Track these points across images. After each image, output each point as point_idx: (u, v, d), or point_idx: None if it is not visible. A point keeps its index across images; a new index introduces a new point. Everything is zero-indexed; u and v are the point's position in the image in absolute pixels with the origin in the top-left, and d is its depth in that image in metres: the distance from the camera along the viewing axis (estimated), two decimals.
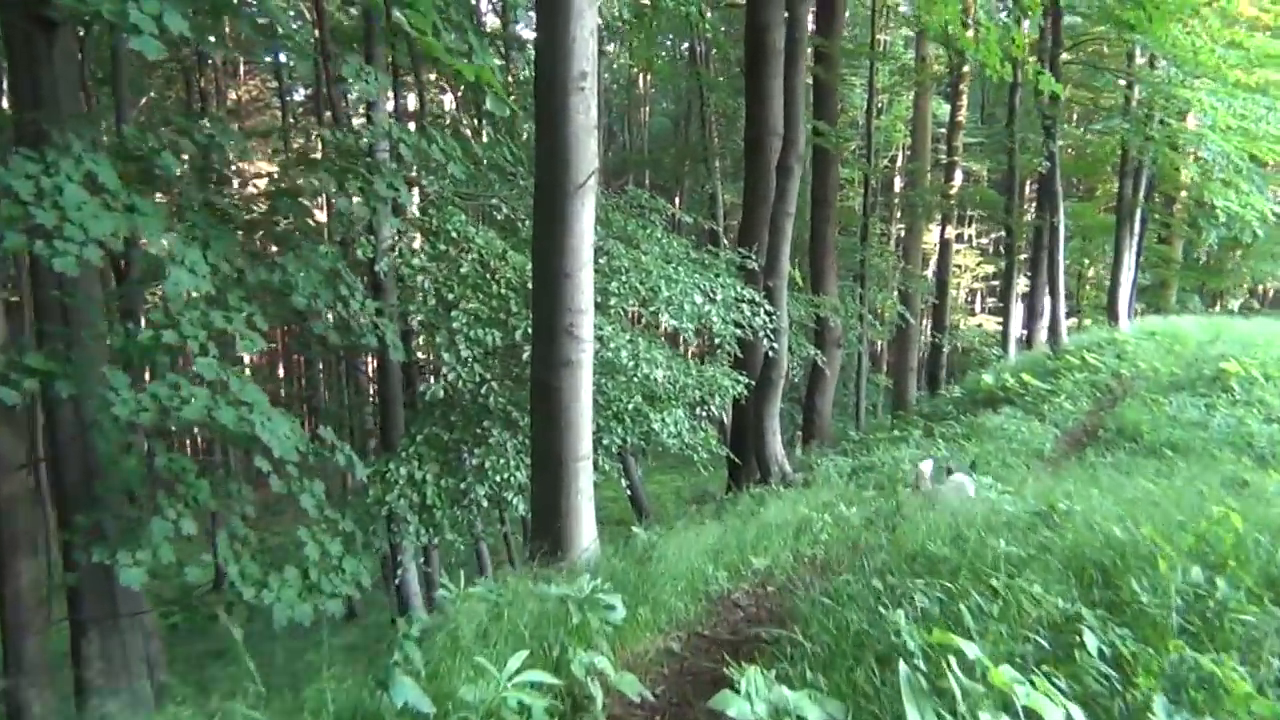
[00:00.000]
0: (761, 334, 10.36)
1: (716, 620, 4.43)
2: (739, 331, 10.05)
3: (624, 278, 9.25)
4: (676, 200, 28.88)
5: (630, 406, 9.01)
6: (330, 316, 8.74)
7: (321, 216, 17.28)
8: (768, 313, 10.27)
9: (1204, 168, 16.60)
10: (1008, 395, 13.87)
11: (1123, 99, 17.71)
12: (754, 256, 11.13)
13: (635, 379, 8.92)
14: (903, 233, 32.36)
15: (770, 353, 10.82)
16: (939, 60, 27.63)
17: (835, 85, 18.17)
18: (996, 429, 11.62)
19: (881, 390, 38.32)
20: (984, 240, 51.87)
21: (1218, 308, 32.66)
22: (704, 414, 11.25)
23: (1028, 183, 24.47)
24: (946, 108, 30.73)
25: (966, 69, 26.68)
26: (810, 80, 20.05)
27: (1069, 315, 35.17)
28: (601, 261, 9.43)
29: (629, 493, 21.76)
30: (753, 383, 11.07)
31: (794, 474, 11.41)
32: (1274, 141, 15.46)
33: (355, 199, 8.32)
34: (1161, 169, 19.18)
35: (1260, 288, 36.76)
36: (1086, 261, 35.74)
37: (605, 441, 8.87)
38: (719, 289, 9.70)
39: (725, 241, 15.96)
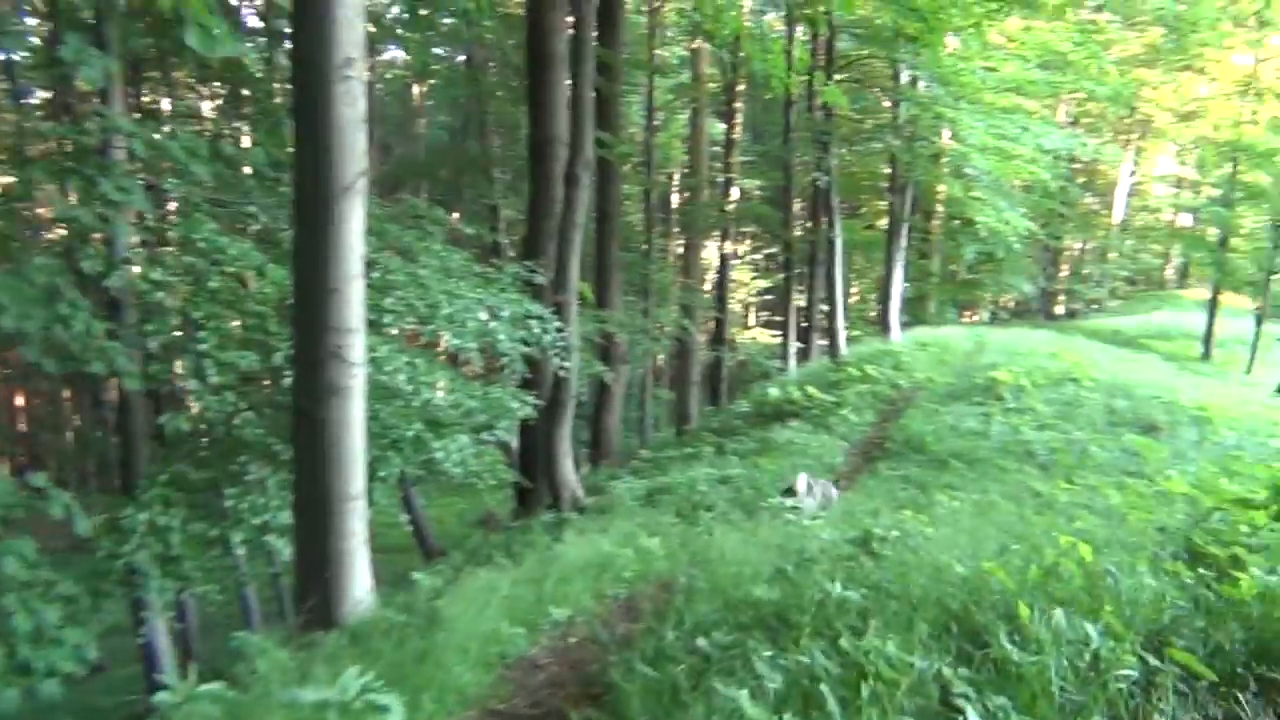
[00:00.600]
0: (551, 352, 9.82)
1: (515, 689, 3.82)
2: (526, 350, 9.45)
3: (400, 293, 8.45)
4: (456, 215, 28.00)
5: (410, 434, 8.19)
6: (49, 338, 7.44)
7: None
8: (557, 329, 9.73)
9: (966, 185, 17.69)
10: (794, 408, 14.05)
11: (890, 118, 18.52)
12: (540, 270, 10.56)
13: (415, 404, 8.12)
14: (682, 249, 33.02)
15: (560, 372, 10.30)
16: (713, 80, 28.36)
17: (617, 96, 17.98)
18: (787, 443, 11.65)
19: (663, 404, 38.92)
20: (757, 256, 54.03)
21: (972, 318, 35.34)
22: (491, 438, 10.56)
23: (798, 200, 25.34)
24: (721, 127, 31.73)
25: (741, 87, 27.52)
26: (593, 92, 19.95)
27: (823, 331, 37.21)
28: (375, 275, 8.58)
29: (410, 522, 20.68)
30: (542, 404, 10.51)
31: (587, 498, 10.94)
32: (1027, 161, 16.67)
33: (77, 201, 7.12)
34: (923, 186, 20.36)
35: (1003, 300, 40.04)
36: (853, 276, 37.84)
37: (382, 474, 8.02)
38: (504, 305, 9.05)
39: (510, 255, 15.35)
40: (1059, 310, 41.47)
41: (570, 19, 11.33)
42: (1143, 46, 29.04)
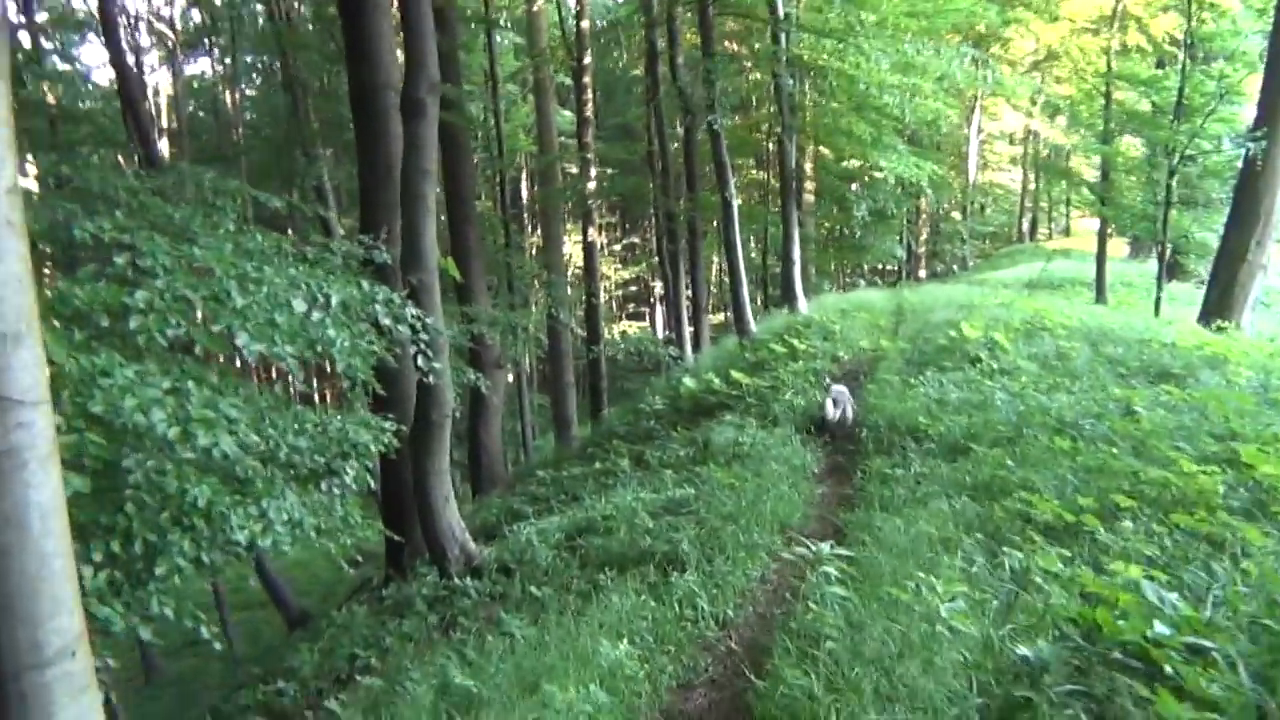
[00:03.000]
0: (414, 353, 6.77)
1: None
2: (375, 350, 6.34)
3: (160, 282, 5.30)
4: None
5: (195, 502, 5.05)
6: None
7: None
8: (417, 319, 6.65)
9: (874, 123, 15.48)
10: (719, 399, 11.39)
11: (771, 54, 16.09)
12: (382, 247, 7.40)
13: (189, 456, 4.97)
14: (541, 241, 30.19)
15: (427, 380, 7.20)
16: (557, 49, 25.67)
17: (456, 54, 14.97)
18: (733, 445, 8.93)
19: (537, 411, 35.97)
20: (617, 247, 51.60)
21: (840, 288, 33.82)
22: (336, 486, 7.45)
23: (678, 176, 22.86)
24: (568, 114, 29.13)
25: (588, 60, 24.87)
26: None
27: (712, 310, 35.05)
28: (119, 262, 5.44)
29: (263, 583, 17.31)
30: (404, 428, 7.48)
31: (481, 552, 7.97)
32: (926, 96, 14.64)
33: None
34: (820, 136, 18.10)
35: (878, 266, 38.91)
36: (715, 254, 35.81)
37: (149, 586, 4.84)
38: (332, 291, 5.95)
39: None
40: (922, 274, 40.63)
41: None
42: None
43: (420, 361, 6.36)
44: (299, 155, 17.72)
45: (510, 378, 22.86)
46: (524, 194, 39.47)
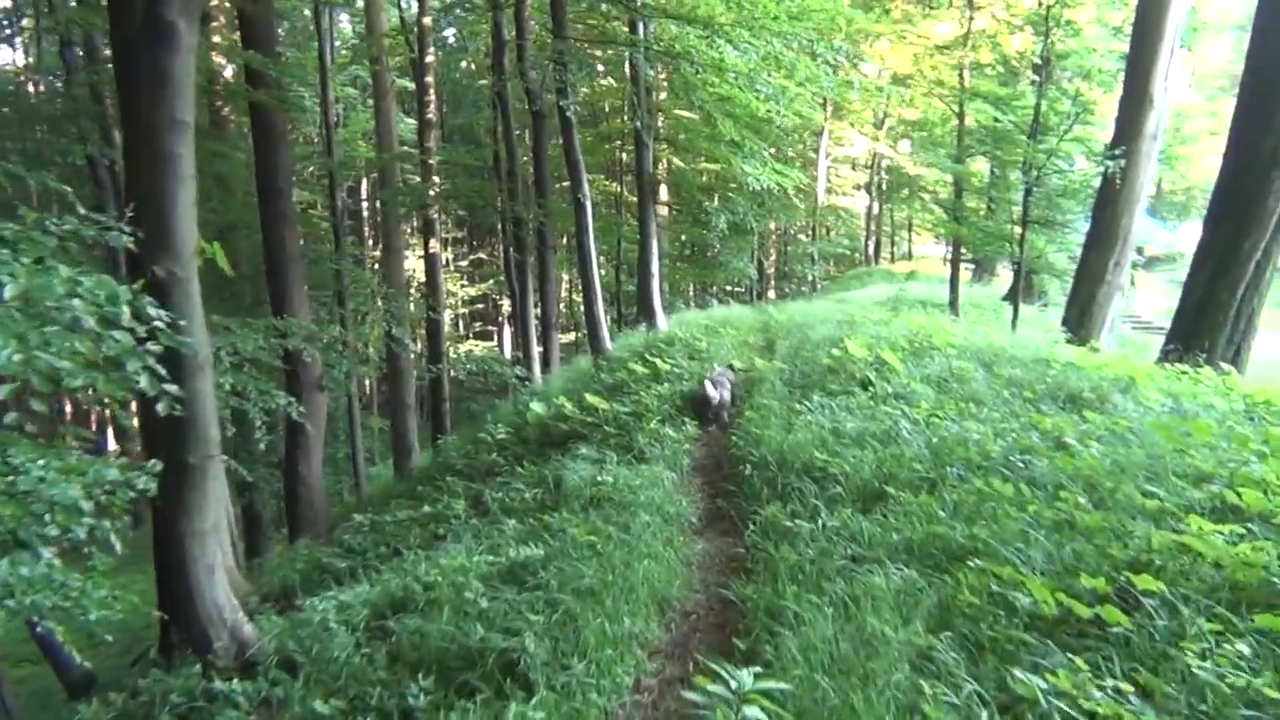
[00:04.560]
0: (137, 373, 4.80)
1: None
2: (65, 369, 4.36)
3: None
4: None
5: None
6: None
7: None
8: (153, 326, 4.71)
9: (735, 126, 14.24)
10: (572, 427, 9.76)
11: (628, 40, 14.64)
12: (125, 227, 5.40)
13: None
14: (381, 253, 27.95)
15: (173, 411, 5.23)
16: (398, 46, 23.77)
17: (269, 19, 12.89)
18: (590, 486, 7.30)
19: (376, 435, 33.40)
20: (464, 264, 49.46)
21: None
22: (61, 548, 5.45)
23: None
24: (411, 121, 27.29)
25: (430, 58, 23.06)
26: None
27: (562, 329, 33.49)
28: None
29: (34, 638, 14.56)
30: (149, 475, 5.48)
31: (259, 639, 6.03)
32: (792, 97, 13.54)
33: None
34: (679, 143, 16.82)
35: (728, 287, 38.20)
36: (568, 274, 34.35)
37: None
38: (8, 279, 4.01)
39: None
40: (772, 294, 40.32)
41: None
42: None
43: (145, 383, 4.41)
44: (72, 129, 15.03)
45: (344, 399, 20.55)
46: (365, 208, 37.00)
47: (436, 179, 22.77)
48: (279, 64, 12.30)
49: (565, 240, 30.27)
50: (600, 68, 28.62)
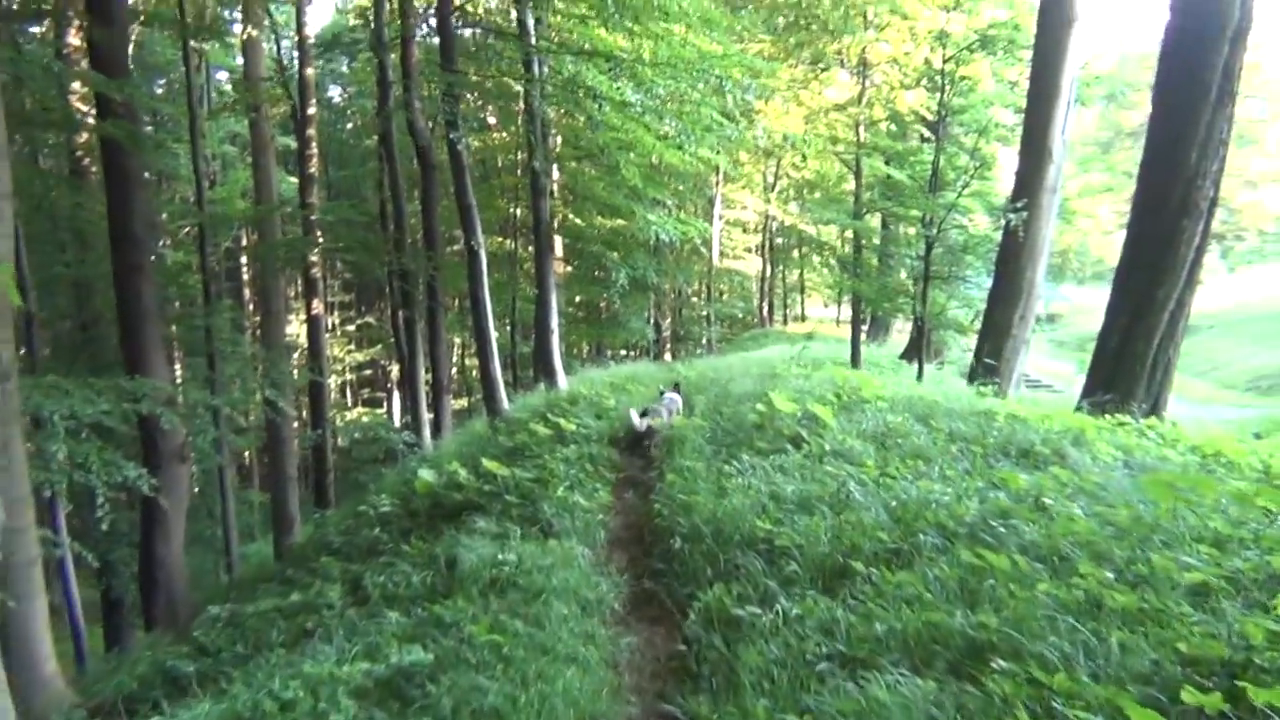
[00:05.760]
0: None
1: None
2: None
3: None
4: None
5: None
6: None
7: None
8: None
9: (640, 168, 13.47)
10: (467, 497, 8.55)
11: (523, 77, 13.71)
12: None
13: None
14: (260, 317, 26.21)
15: None
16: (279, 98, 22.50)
17: (121, 42, 11.56)
18: (489, 566, 6.12)
19: (257, 509, 31.26)
20: (351, 328, 47.62)
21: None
22: None
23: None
24: (294, 180, 26.09)
25: (313, 109, 21.89)
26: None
27: (455, 394, 32.06)
28: None
29: None
30: None
31: None
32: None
33: None
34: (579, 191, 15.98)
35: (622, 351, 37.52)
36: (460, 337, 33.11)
37: None
38: None
39: None
40: (668, 356, 39.77)
41: None
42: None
43: None
44: None
45: (219, 472, 18.69)
46: (245, 270, 34.99)
47: (320, 234, 21.39)
48: (130, 84, 10.94)
49: (457, 302, 29.06)
50: (492, 120, 27.80)
